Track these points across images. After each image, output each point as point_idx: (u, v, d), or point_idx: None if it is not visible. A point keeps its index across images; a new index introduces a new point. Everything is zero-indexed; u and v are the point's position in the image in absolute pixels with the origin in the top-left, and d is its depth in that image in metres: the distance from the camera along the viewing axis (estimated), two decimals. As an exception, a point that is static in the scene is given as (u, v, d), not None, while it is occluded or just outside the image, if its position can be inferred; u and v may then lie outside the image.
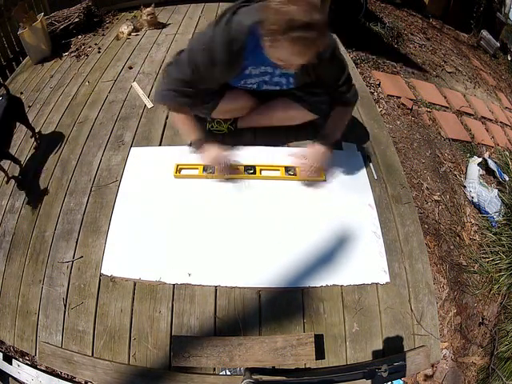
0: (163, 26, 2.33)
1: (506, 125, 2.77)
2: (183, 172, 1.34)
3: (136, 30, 2.29)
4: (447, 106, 2.52)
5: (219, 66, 1.07)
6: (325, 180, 1.32)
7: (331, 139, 1.29)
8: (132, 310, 1.12)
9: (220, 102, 1.31)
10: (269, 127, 1.47)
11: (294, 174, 1.32)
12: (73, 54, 2.20)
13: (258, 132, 1.50)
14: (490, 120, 2.67)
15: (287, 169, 1.33)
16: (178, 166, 1.33)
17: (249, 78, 1.21)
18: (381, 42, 2.90)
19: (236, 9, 1.05)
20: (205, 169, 1.31)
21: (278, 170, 1.33)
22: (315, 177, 1.30)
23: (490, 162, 2.14)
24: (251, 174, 1.32)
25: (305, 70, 1.15)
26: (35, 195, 1.42)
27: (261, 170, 1.33)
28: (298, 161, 1.30)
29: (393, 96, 2.34)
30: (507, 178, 2.13)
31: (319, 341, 1.06)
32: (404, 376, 1.04)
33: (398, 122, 2.18)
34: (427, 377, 1.41)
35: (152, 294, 1.13)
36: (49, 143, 1.61)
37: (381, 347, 1.10)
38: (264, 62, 1.12)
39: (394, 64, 2.70)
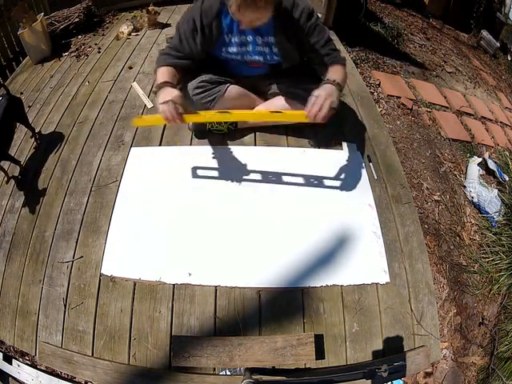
0: (163, 25, 2.33)
1: (506, 125, 2.76)
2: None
3: (136, 30, 2.29)
4: (447, 106, 2.52)
5: (199, 31, 1.19)
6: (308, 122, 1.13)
7: (337, 81, 1.15)
8: (132, 309, 1.12)
9: (219, 101, 1.31)
10: (269, 127, 1.47)
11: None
12: (73, 54, 2.20)
13: (257, 132, 1.50)
14: (490, 120, 2.66)
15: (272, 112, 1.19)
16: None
17: (230, 46, 1.25)
18: (381, 42, 2.90)
19: None
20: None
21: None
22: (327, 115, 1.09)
23: (489, 162, 2.14)
24: (225, 113, 1.14)
25: (284, 36, 1.20)
26: (35, 195, 1.42)
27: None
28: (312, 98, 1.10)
29: (393, 96, 2.33)
30: (507, 178, 2.13)
31: (319, 341, 1.06)
32: (404, 376, 1.04)
33: (398, 122, 2.18)
34: (427, 374, 1.41)
35: (152, 293, 1.13)
36: (49, 143, 1.61)
37: (381, 347, 1.10)
38: (243, 31, 1.20)
39: (394, 64, 2.69)
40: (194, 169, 1.36)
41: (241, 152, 1.41)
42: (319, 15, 2.30)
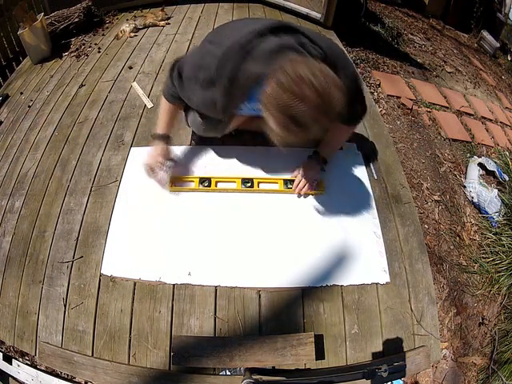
0: (163, 25, 2.33)
1: (506, 125, 2.76)
2: (177, 185, 1.30)
3: (137, 29, 2.29)
4: (447, 106, 2.52)
5: (217, 108, 1.00)
6: (323, 193, 1.30)
7: (325, 157, 1.28)
8: (132, 309, 1.12)
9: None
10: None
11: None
12: (73, 54, 2.20)
13: (257, 134, 1.49)
14: (490, 120, 2.66)
15: (285, 182, 1.31)
16: (172, 178, 1.30)
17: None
18: (381, 42, 2.90)
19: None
20: (201, 181, 1.29)
21: (277, 182, 1.32)
22: (311, 191, 1.28)
23: (489, 162, 2.14)
24: (249, 187, 1.30)
25: None
26: (35, 195, 1.42)
27: (259, 182, 1.31)
28: (295, 174, 1.30)
29: (393, 96, 2.33)
30: (507, 178, 2.12)
31: (319, 341, 1.06)
32: (404, 376, 1.03)
33: (398, 122, 2.18)
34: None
35: (152, 294, 1.13)
36: (49, 143, 1.61)
37: (381, 347, 1.10)
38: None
39: (394, 64, 2.69)
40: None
41: (241, 152, 1.41)
42: (318, 15, 2.31)
